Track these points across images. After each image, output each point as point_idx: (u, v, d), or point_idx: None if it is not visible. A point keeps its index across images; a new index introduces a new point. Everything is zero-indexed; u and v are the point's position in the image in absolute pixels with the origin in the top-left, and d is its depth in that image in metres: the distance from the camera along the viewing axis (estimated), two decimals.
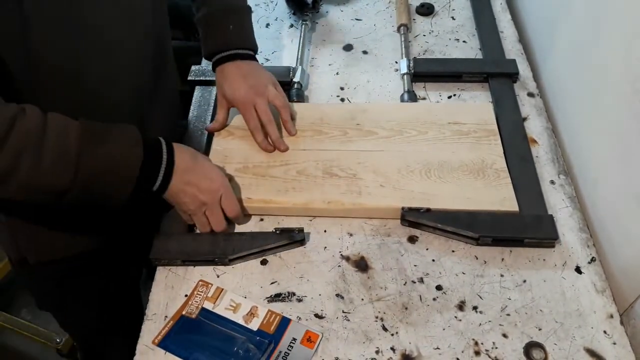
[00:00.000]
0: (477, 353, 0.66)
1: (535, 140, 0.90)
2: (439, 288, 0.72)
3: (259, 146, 0.86)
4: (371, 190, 0.80)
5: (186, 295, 0.72)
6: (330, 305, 0.71)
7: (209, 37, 0.88)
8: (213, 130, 0.90)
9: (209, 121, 0.94)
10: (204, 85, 1.01)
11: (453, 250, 0.76)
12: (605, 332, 0.67)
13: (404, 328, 0.68)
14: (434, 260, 0.75)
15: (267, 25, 1.16)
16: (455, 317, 0.69)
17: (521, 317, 0.69)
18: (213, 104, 0.97)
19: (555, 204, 0.81)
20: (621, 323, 0.68)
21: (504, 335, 0.67)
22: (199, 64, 1.05)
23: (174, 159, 0.69)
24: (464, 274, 0.73)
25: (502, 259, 0.75)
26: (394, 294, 0.72)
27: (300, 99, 0.97)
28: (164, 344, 0.68)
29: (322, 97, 1.00)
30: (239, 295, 0.72)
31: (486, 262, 0.74)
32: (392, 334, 0.68)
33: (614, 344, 0.66)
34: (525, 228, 0.75)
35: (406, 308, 0.70)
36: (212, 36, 0.88)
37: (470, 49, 1.08)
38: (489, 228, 0.75)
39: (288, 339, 0.67)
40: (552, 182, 0.84)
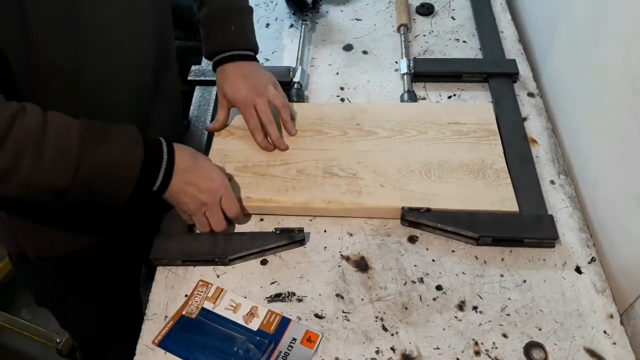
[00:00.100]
0: (477, 353, 0.66)
1: (535, 140, 0.90)
2: (439, 288, 0.72)
3: (259, 146, 0.86)
4: (371, 190, 0.80)
5: (186, 295, 0.72)
6: (330, 305, 0.71)
7: (210, 37, 0.88)
8: (213, 130, 0.90)
9: (209, 121, 0.94)
10: (204, 85, 1.01)
11: (453, 250, 0.76)
12: (605, 332, 0.67)
13: (404, 328, 0.68)
14: (434, 260, 0.75)
15: (267, 25, 1.16)
16: (455, 317, 0.69)
17: (521, 317, 0.69)
18: (213, 103, 0.97)
19: (555, 204, 0.81)
20: (621, 323, 0.68)
21: (504, 335, 0.67)
22: (199, 64, 1.05)
23: (174, 159, 0.69)
24: (464, 274, 0.73)
25: (502, 259, 0.75)
26: (394, 294, 0.72)
27: (300, 99, 0.97)
28: (164, 344, 0.68)
29: (322, 97, 1.00)
30: (239, 295, 0.72)
31: (486, 262, 0.74)
32: (392, 334, 0.68)
33: (614, 344, 0.66)
34: (525, 228, 0.75)
35: (406, 308, 0.70)
36: (214, 36, 0.88)
37: (470, 49, 1.08)
38: (489, 228, 0.75)
39: (288, 339, 0.67)
40: (552, 182, 0.84)
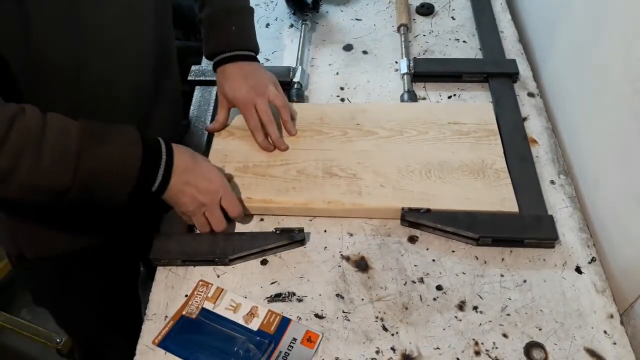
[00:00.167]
0: (478, 353, 0.66)
1: (535, 140, 0.90)
2: (439, 288, 0.72)
3: (259, 146, 0.86)
4: (371, 190, 0.80)
5: (186, 295, 0.72)
6: (331, 305, 0.71)
7: (211, 38, 0.88)
8: (213, 131, 0.90)
9: (209, 121, 0.94)
10: (204, 85, 1.01)
11: (453, 250, 0.76)
12: (605, 332, 0.67)
13: (404, 328, 0.68)
14: (434, 260, 0.75)
15: (267, 25, 1.16)
16: (456, 317, 0.69)
17: (521, 317, 0.69)
18: (213, 104, 0.97)
19: (555, 204, 0.81)
20: (621, 323, 0.68)
21: (504, 335, 0.67)
22: (199, 64, 1.05)
23: (173, 159, 0.69)
24: (464, 274, 0.73)
25: (502, 259, 0.75)
26: (394, 294, 0.72)
27: (300, 99, 0.97)
28: (164, 344, 0.68)
29: (322, 97, 1.00)
30: (239, 295, 0.72)
31: (486, 262, 0.74)
32: (393, 334, 0.68)
33: (614, 344, 0.66)
34: (525, 228, 0.75)
35: (406, 308, 0.70)
36: (214, 36, 0.88)
37: (470, 49, 1.08)
38: (489, 228, 0.75)
39: (288, 339, 0.67)
40: (552, 182, 0.84)
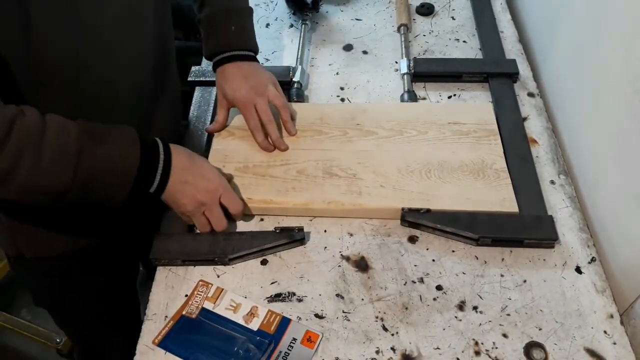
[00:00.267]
0: (477, 353, 0.66)
1: (535, 140, 0.90)
2: (439, 288, 0.72)
3: (259, 146, 0.86)
4: (371, 190, 0.80)
5: (186, 295, 0.72)
6: (331, 305, 0.71)
7: (210, 38, 0.88)
8: (213, 131, 0.90)
9: (208, 121, 0.94)
10: (204, 86, 1.01)
11: (453, 250, 0.76)
12: (605, 332, 0.67)
13: (404, 328, 0.68)
14: (434, 260, 0.75)
15: (267, 25, 1.16)
16: (456, 317, 0.69)
17: (521, 317, 0.69)
18: (213, 104, 0.97)
19: (555, 204, 0.81)
20: (621, 323, 0.68)
21: (504, 335, 0.67)
22: (198, 64, 1.05)
23: (170, 159, 0.70)
24: (464, 274, 0.73)
25: (502, 259, 0.75)
26: (394, 294, 0.72)
27: (300, 99, 0.97)
28: (164, 344, 0.68)
29: (322, 97, 1.00)
30: (239, 295, 0.72)
31: (486, 262, 0.74)
32: (393, 334, 0.68)
33: (614, 344, 0.66)
34: (525, 229, 0.75)
35: (406, 308, 0.70)
36: (214, 37, 0.88)
37: (470, 49, 1.08)
38: (489, 229, 0.75)
39: (288, 339, 0.67)
40: (552, 182, 0.84)
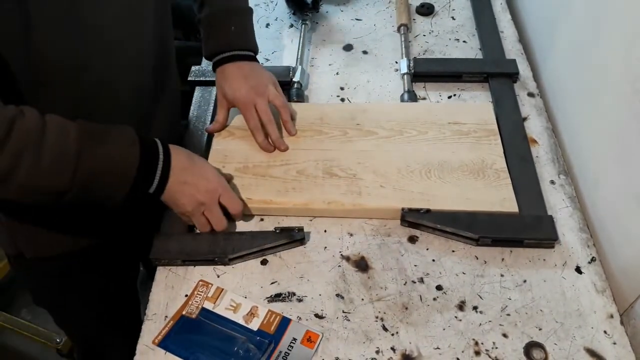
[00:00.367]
0: (477, 353, 0.66)
1: (535, 140, 0.90)
2: (439, 288, 0.72)
3: (260, 146, 0.86)
4: (371, 190, 0.80)
5: (186, 295, 0.72)
6: (331, 305, 0.71)
7: (210, 38, 0.88)
8: (213, 131, 0.90)
9: (208, 121, 0.94)
10: (204, 86, 1.01)
11: (453, 250, 0.76)
12: (605, 332, 0.67)
13: (404, 328, 0.68)
14: (434, 260, 0.75)
15: (267, 25, 1.16)
16: (456, 317, 0.69)
17: (521, 317, 0.69)
18: (213, 104, 0.97)
19: (555, 204, 0.81)
20: (621, 323, 0.68)
21: (504, 335, 0.67)
22: (198, 64, 1.05)
23: (170, 159, 0.70)
24: (464, 274, 0.73)
25: (502, 259, 0.75)
26: (394, 294, 0.72)
27: (300, 99, 0.97)
28: (164, 344, 0.68)
29: (322, 97, 1.00)
30: (239, 295, 0.72)
31: (486, 262, 0.74)
32: (393, 334, 0.68)
33: (614, 344, 0.66)
34: (525, 229, 0.75)
35: (406, 308, 0.70)
36: (214, 37, 0.88)
37: (470, 49, 1.08)
38: (489, 229, 0.75)
39: (288, 339, 0.67)
40: (552, 182, 0.84)
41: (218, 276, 0.74)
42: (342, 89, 1.01)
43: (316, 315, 0.70)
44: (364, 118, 0.91)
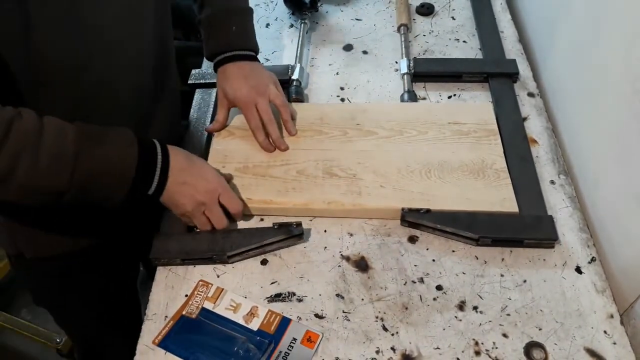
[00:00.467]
0: (478, 353, 0.66)
1: (535, 140, 0.90)
2: (439, 288, 0.72)
3: (260, 145, 0.86)
4: (371, 190, 0.80)
5: (186, 295, 0.72)
6: (331, 305, 0.71)
7: (211, 38, 0.88)
8: (213, 131, 0.90)
9: (208, 122, 0.94)
10: (204, 88, 1.01)
11: (453, 250, 0.76)
12: (605, 332, 0.67)
13: (404, 328, 0.68)
14: (434, 260, 0.75)
15: (267, 25, 1.17)
16: (456, 317, 0.69)
17: (521, 317, 0.69)
18: (213, 105, 0.97)
19: (555, 204, 0.81)
20: (621, 323, 0.68)
21: (504, 335, 0.67)
22: (198, 64, 1.05)
23: (168, 160, 0.70)
24: (464, 274, 0.73)
25: (502, 259, 0.75)
26: (394, 294, 0.72)
27: (300, 97, 0.97)
28: (164, 344, 0.68)
29: (322, 97, 1.00)
30: (239, 295, 0.72)
31: (486, 262, 0.74)
32: (393, 334, 0.68)
33: (614, 344, 0.66)
34: (525, 229, 0.75)
35: (406, 308, 0.70)
36: (215, 37, 0.88)
37: (470, 49, 1.08)
38: (489, 229, 0.75)
39: (288, 339, 0.67)
40: (552, 182, 0.84)
41: (218, 276, 0.74)
42: (342, 89, 1.01)
43: (316, 315, 0.70)
44: (364, 118, 0.91)
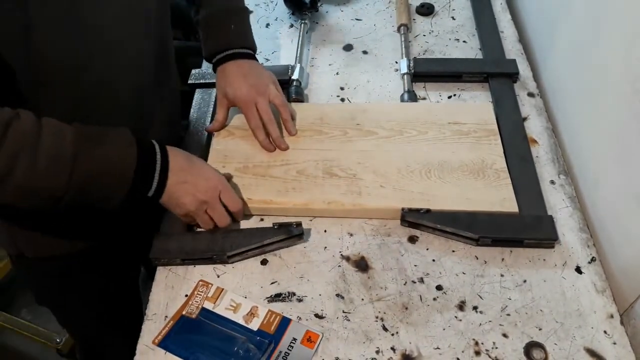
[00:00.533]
0: (478, 353, 0.66)
1: (535, 140, 0.90)
2: (439, 288, 0.72)
3: (261, 145, 0.86)
4: (371, 190, 0.80)
5: (186, 295, 0.72)
6: (331, 305, 0.71)
7: (210, 38, 0.88)
8: (213, 130, 0.90)
9: (208, 122, 0.94)
10: (204, 88, 1.01)
11: (453, 250, 0.76)
12: (605, 332, 0.67)
13: (404, 328, 0.68)
14: (434, 260, 0.75)
15: (267, 25, 1.17)
16: (456, 317, 0.69)
17: (521, 317, 0.69)
18: (213, 105, 0.97)
19: (555, 204, 0.81)
20: (621, 323, 0.68)
21: (504, 335, 0.67)
22: (198, 64, 1.05)
23: (168, 160, 0.70)
24: (464, 274, 0.73)
25: (502, 259, 0.75)
26: (394, 294, 0.72)
27: (299, 96, 0.97)
28: (164, 344, 0.68)
29: (322, 97, 1.00)
30: (239, 295, 0.72)
31: (486, 262, 0.74)
32: (393, 334, 0.68)
33: (614, 344, 0.66)
34: (525, 229, 0.75)
35: (406, 308, 0.70)
36: (214, 36, 0.88)
37: (470, 49, 1.08)
38: (489, 229, 0.75)
39: (288, 339, 0.67)
40: (552, 182, 0.84)
41: (218, 276, 0.74)
42: (342, 89, 1.01)
43: (316, 315, 0.70)
44: (364, 118, 0.91)
